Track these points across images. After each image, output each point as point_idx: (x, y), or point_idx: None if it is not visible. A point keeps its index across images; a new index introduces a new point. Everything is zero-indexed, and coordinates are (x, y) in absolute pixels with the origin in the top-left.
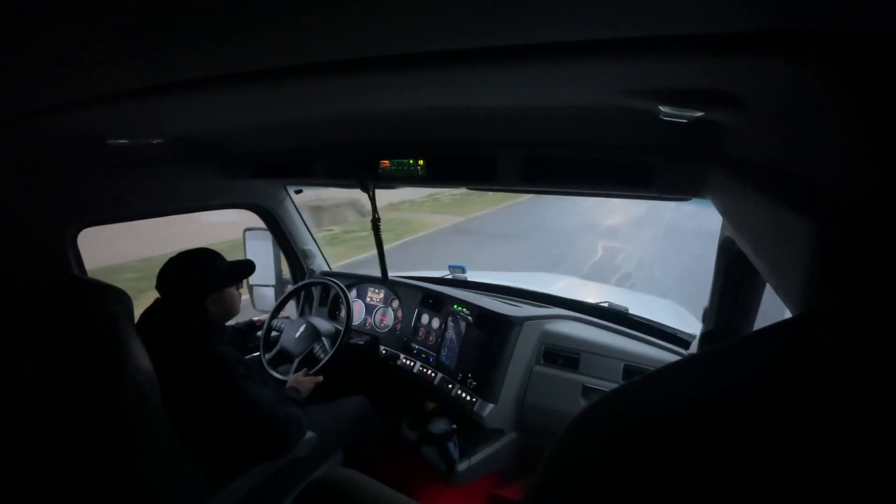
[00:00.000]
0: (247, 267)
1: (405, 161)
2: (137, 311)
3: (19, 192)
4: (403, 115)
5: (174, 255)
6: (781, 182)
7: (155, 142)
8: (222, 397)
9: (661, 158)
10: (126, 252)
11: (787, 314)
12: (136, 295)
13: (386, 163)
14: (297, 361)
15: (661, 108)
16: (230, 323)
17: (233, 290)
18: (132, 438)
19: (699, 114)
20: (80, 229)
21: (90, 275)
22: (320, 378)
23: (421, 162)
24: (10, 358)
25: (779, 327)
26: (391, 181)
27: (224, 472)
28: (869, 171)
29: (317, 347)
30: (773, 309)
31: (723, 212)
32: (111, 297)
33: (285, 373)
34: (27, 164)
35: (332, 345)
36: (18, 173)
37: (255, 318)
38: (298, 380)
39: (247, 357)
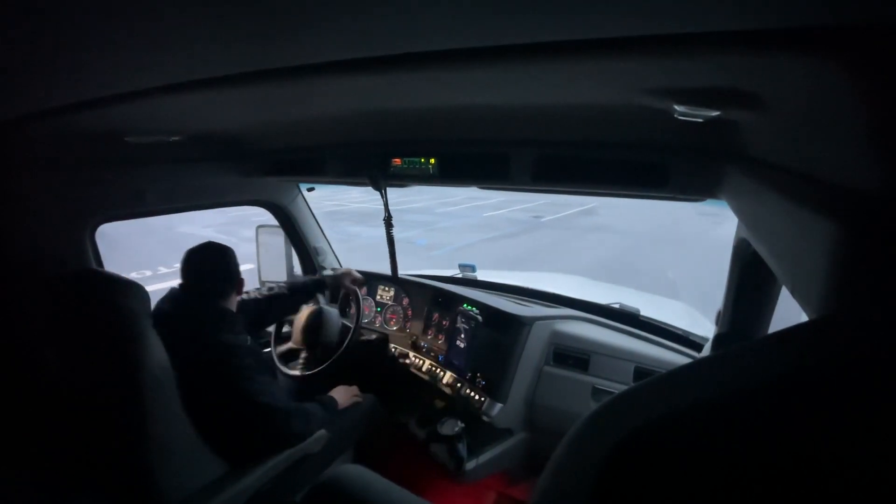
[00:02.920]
0: None
1: (417, 159)
2: None
3: (40, 187)
4: (416, 113)
5: (197, 246)
6: (801, 182)
7: (172, 139)
8: (230, 386)
9: (676, 159)
10: None
11: (804, 317)
12: None
13: (398, 161)
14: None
15: (676, 107)
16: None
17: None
18: (148, 430)
19: (715, 113)
20: (98, 224)
21: None
22: (355, 389)
23: (433, 160)
24: (30, 350)
25: (797, 330)
26: (403, 179)
27: (238, 465)
28: (891, 171)
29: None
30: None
31: (739, 213)
32: (128, 291)
33: (292, 366)
34: (49, 160)
35: (342, 342)
36: (40, 169)
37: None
38: (340, 389)
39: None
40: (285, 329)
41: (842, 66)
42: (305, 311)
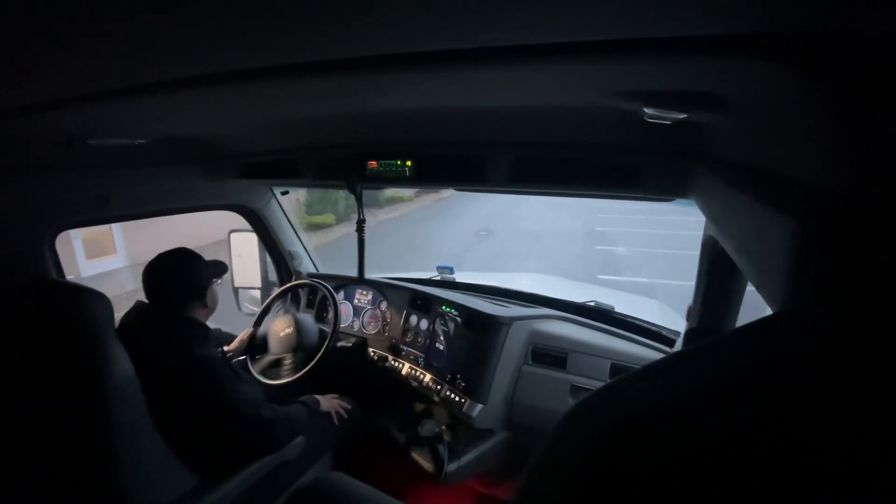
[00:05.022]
0: (221, 265)
1: (393, 162)
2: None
3: None
4: (391, 115)
5: (156, 256)
6: (762, 181)
7: (138, 142)
8: (211, 400)
9: (647, 159)
10: None
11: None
12: None
13: (373, 164)
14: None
15: (645, 109)
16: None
17: (215, 286)
18: (114, 443)
19: (682, 115)
20: (58, 231)
21: None
22: (336, 398)
23: (409, 163)
24: None
25: (760, 324)
26: (379, 182)
27: (212, 475)
28: (848, 170)
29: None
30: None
31: (706, 212)
32: (89, 300)
33: (271, 376)
34: (5, 164)
35: (320, 347)
36: None
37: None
38: (326, 396)
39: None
40: (258, 340)
41: (800, 70)
42: (279, 320)
